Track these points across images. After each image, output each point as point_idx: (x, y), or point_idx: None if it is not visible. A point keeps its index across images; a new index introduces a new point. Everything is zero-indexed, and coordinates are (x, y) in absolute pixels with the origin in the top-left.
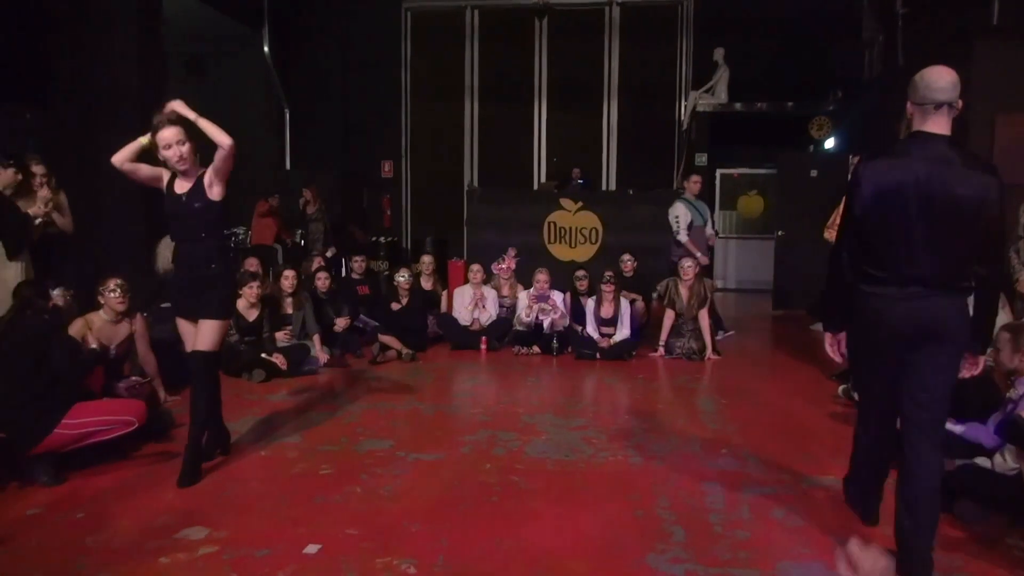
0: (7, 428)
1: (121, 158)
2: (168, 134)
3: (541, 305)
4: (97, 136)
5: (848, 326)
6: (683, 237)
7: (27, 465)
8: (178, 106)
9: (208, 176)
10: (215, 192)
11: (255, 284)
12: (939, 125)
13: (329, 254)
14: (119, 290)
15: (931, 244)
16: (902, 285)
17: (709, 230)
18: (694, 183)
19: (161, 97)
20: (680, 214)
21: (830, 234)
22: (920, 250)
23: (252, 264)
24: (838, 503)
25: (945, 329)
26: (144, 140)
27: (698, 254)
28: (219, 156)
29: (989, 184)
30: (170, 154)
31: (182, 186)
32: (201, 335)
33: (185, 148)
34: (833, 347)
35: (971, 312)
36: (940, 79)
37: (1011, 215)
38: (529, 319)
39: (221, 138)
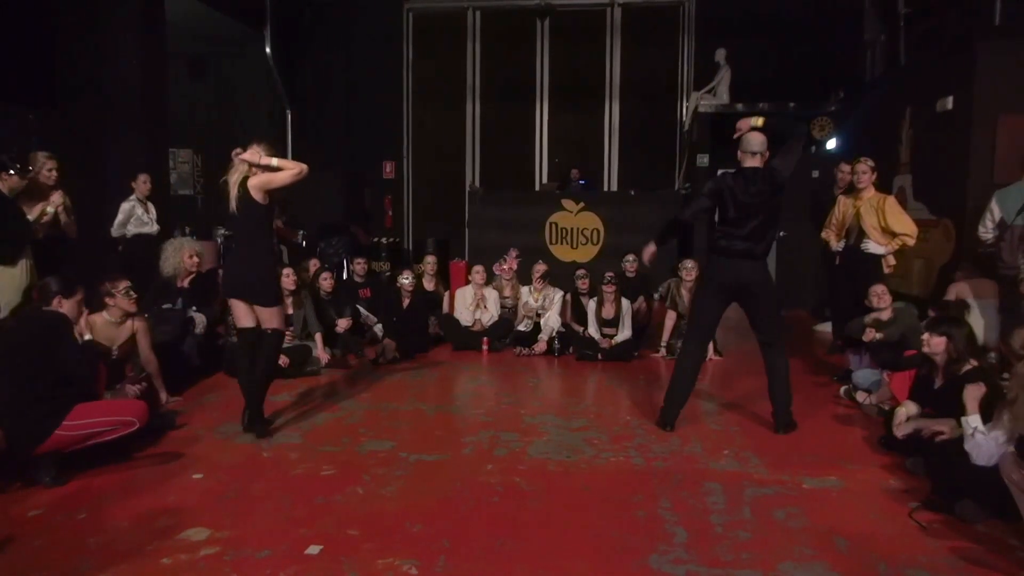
0: (11, 428)
1: None
2: None
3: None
4: (100, 137)
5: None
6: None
7: (29, 466)
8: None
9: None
10: None
11: None
12: (753, 162)
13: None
14: (129, 291)
15: (747, 225)
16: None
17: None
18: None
19: (164, 98)
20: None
21: (827, 234)
22: (742, 230)
23: None
24: (840, 503)
25: (760, 279)
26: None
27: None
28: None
29: (770, 188)
30: None
31: None
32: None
33: None
34: (646, 253)
35: None
36: (756, 139)
37: None
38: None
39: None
